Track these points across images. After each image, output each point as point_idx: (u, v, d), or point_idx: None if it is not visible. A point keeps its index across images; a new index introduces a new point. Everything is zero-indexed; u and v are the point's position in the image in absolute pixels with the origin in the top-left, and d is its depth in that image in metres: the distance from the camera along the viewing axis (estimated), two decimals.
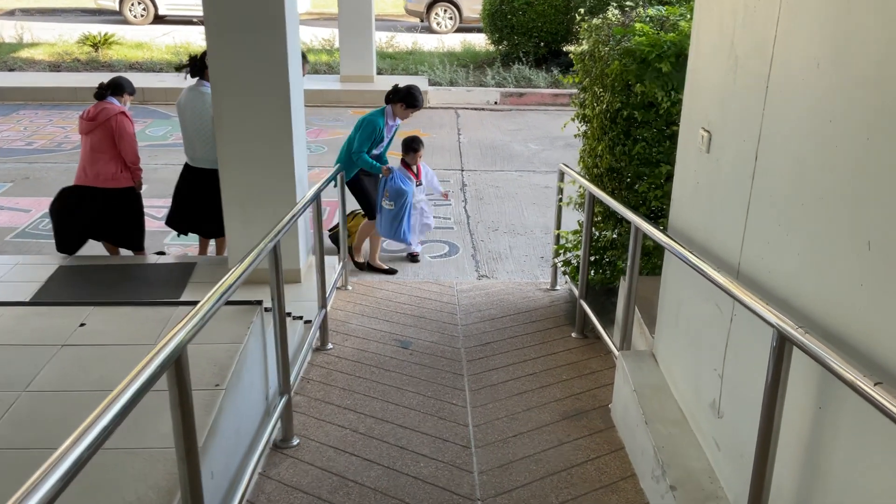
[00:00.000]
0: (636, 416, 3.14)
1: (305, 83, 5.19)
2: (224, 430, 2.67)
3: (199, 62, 5.00)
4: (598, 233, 4.79)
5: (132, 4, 17.79)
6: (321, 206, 4.28)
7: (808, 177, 2.05)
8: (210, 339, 2.90)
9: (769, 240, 2.28)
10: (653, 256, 4.39)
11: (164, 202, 6.90)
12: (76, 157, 5.26)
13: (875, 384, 1.54)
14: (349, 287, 5.27)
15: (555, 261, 5.30)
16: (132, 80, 5.37)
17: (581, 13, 7.85)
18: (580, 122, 5.01)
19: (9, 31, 15.61)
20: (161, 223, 6.55)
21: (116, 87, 5.15)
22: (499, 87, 12.37)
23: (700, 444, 2.84)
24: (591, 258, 4.72)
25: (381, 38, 14.76)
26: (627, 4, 5.80)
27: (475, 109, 11.83)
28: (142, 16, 17.78)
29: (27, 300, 4.38)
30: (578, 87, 5.05)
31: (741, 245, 2.48)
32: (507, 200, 7.70)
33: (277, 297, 3.04)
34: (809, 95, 2.05)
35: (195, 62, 5.06)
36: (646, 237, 3.39)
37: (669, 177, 4.22)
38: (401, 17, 20.01)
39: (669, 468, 2.72)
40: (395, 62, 13.77)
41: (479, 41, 15.27)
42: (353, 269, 5.84)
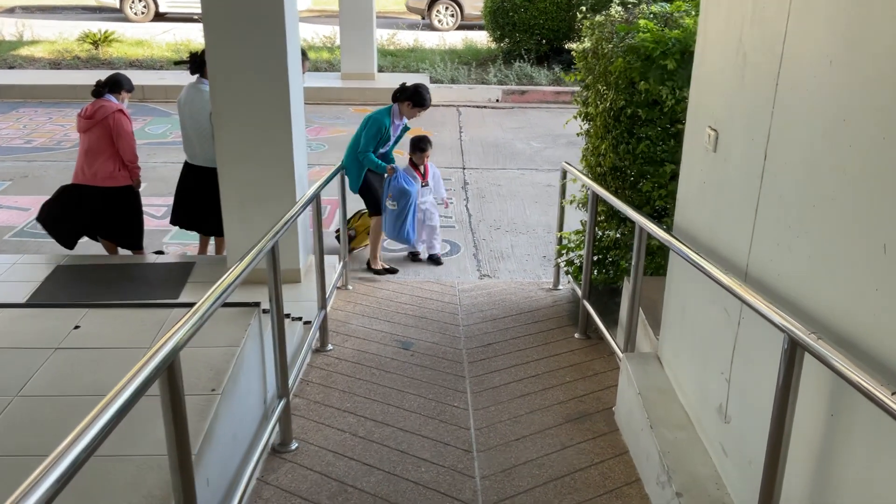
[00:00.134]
0: (641, 420, 3.08)
1: (306, 81, 5.14)
2: (220, 436, 2.62)
3: (200, 59, 4.95)
4: (602, 232, 4.74)
5: (132, 2, 17.72)
6: (321, 205, 4.23)
7: (820, 177, 1.99)
8: (206, 343, 2.85)
9: (779, 241, 2.22)
10: (656, 256, 4.34)
11: (164, 201, 6.87)
12: (75, 156, 5.21)
13: (893, 393, 1.49)
14: (350, 287, 5.22)
15: (557, 261, 5.25)
16: (132, 78, 5.32)
17: (583, 10, 7.80)
18: (583, 121, 4.95)
19: (9, 29, 15.56)
20: (160, 222, 6.52)
21: (114, 85, 5.10)
22: (500, 85, 12.30)
23: (706, 450, 2.78)
24: (595, 258, 4.67)
25: (383, 36, 14.70)
26: (630, 1, 5.74)
27: (477, 107, 11.76)
28: (142, 13, 17.72)
29: (24, 300, 4.33)
30: (581, 85, 5.00)
31: (749, 246, 2.43)
32: (509, 199, 7.64)
33: (276, 299, 2.99)
34: (821, 94, 1.99)
35: (195, 59, 5.01)
36: (650, 237, 3.34)
37: (674, 176, 4.16)
38: (402, 15, 19.94)
39: (675, 474, 2.67)
40: (397, 60, 13.71)
41: (481, 38, 15.20)
42: (353, 269, 5.78)
